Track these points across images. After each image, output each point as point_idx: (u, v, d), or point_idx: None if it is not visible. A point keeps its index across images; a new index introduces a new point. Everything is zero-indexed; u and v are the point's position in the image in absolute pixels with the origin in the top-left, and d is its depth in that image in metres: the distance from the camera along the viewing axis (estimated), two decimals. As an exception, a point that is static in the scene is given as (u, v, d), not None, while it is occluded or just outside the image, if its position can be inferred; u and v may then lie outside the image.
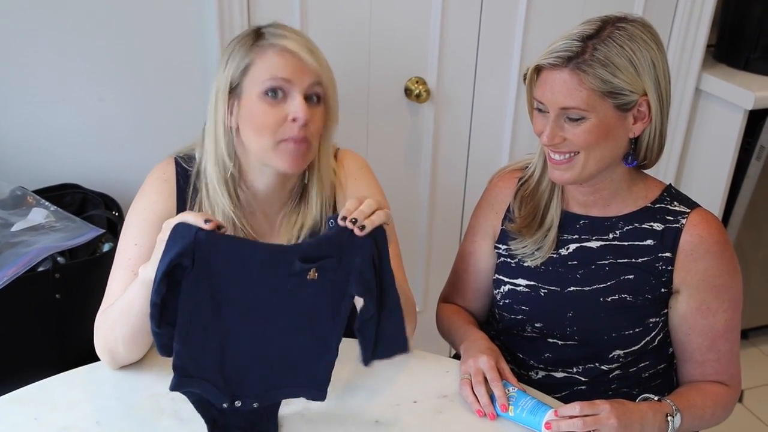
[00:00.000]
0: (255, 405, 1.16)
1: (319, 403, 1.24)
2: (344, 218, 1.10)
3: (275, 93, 1.28)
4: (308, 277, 1.10)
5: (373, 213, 1.11)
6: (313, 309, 1.12)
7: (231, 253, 1.09)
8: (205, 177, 1.36)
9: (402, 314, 1.17)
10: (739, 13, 2.52)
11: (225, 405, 1.14)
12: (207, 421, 1.17)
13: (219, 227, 1.08)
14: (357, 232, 1.09)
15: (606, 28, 1.25)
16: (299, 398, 1.18)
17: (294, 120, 1.27)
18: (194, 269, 1.07)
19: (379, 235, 1.12)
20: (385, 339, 1.16)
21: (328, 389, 1.16)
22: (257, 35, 1.31)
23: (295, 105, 1.27)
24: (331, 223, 1.12)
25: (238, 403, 1.14)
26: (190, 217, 1.08)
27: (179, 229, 1.07)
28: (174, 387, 1.11)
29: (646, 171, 1.41)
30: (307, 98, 1.29)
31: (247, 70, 1.29)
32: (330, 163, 1.41)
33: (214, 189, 1.35)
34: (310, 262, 1.09)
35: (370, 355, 1.16)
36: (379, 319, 1.14)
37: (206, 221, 1.06)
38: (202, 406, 1.16)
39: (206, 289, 1.09)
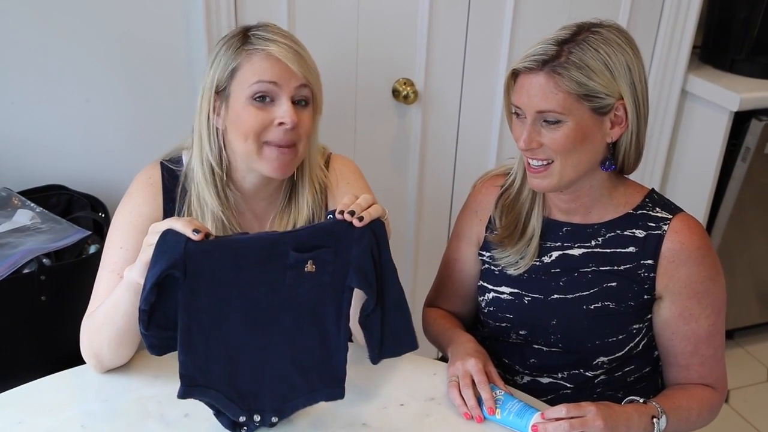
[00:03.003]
0: (274, 420, 1.16)
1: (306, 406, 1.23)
2: (341, 212, 1.11)
3: (263, 98, 1.28)
4: (306, 269, 1.10)
5: (369, 207, 1.13)
6: (316, 306, 1.12)
7: (225, 259, 1.08)
8: (194, 178, 1.36)
9: (408, 310, 1.18)
10: (724, 14, 2.54)
11: (242, 419, 1.14)
12: (213, 408, 1.17)
13: (207, 236, 1.08)
14: (355, 222, 1.10)
15: (581, 33, 1.26)
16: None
17: (281, 124, 1.27)
18: (188, 280, 1.06)
19: (378, 227, 1.13)
20: (392, 336, 1.16)
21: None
22: (245, 38, 1.31)
23: (283, 110, 1.28)
24: (330, 217, 1.12)
25: (257, 418, 1.15)
26: (178, 225, 1.07)
27: (168, 238, 1.06)
28: (181, 396, 1.11)
29: (629, 175, 1.41)
30: (295, 102, 1.30)
31: (235, 74, 1.30)
32: (316, 157, 1.41)
33: (202, 189, 1.35)
34: (304, 251, 1.09)
35: (377, 353, 1.17)
36: (383, 314, 1.14)
37: (195, 231, 1.06)
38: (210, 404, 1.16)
39: (204, 299, 1.08)
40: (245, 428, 1.18)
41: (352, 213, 1.10)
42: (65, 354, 1.44)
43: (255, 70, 1.28)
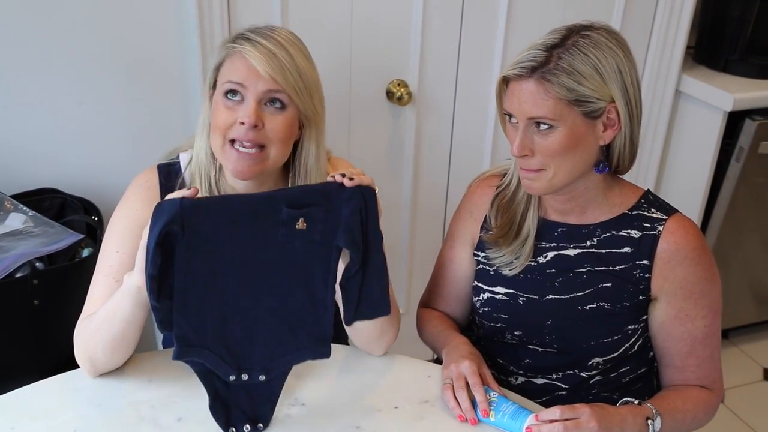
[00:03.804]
0: (261, 378, 1.18)
1: (300, 407, 1.23)
2: (333, 176, 1.16)
3: (234, 94, 1.29)
4: (297, 227, 1.14)
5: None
6: (306, 265, 1.16)
7: (219, 213, 1.13)
8: (196, 172, 1.38)
9: (387, 279, 1.23)
10: (718, 15, 2.54)
11: (232, 378, 1.17)
12: (209, 392, 1.18)
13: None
14: (346, 182, 1.15)
15: (571, 36, 1.25)
16: (288, 391, 1.20)
17: (241, 123, 1.28)
18: (185, 236, 1.10)
19: (368, 192, 1.17)
20: (369, 300, 1.20)
21: (315, 392, 1.17)
22: (237, 37, 1.32)
23: (244, 109, 1.28)
24: None
25: (245, 377, 1.17)
26: (171, 195, 1.12)
27: (163, 204, 1.11)
28: (176, 356, 1.14)
29: (624, 176, 1.41)
30: (267, 103, 1.29)
31: (219, 69, 1.33)
32: (322, 165, 1.39)
33: (200, 185, 1.36)
34: (296, 208, 1.14)
35: (352, 314, 1.20)
36: (363, 278, 1.18)
37: (187, 190, 1.12)
38: (204, 375, 1.18)
39: (199, 257, 1.12)
40: (233, 429, 1.19)
41: (342, 175, 1.16)
42: (58, 358, 1.44)
43: (230, 68, 1.30)
